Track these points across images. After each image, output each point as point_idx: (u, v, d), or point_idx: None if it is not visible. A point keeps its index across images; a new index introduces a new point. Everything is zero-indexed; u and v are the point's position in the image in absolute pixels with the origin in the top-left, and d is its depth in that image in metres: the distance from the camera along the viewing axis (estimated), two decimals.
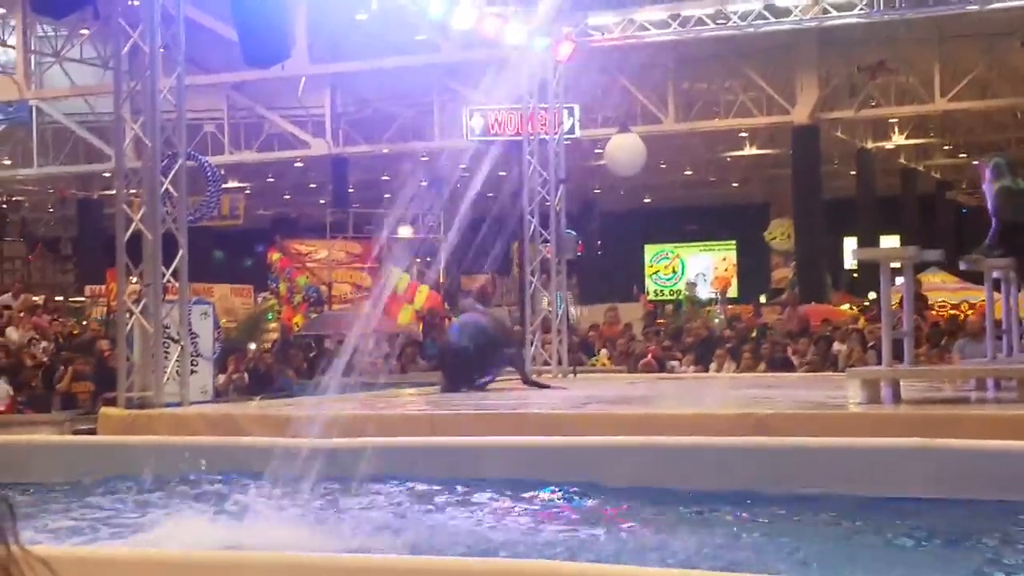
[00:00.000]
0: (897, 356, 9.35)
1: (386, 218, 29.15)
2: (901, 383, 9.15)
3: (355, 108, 30.71)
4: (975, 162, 10.46)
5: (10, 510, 1.96)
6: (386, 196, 34.27)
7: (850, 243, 35.60)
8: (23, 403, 15.83)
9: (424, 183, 16.52)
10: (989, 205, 10.04)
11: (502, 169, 24.22)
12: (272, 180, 37.78)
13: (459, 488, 6.93)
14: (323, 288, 28.20)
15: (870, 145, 33.19)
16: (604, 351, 19.89)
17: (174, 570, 4.56)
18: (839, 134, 30.77)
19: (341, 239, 29.01)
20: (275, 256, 28.58)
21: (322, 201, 35.55)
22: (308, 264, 28.85)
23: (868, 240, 31.96)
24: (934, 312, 21.88)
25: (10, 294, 23.94)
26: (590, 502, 6.78)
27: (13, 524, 1.94)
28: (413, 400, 11.89)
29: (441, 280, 29.16)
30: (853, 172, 34.55)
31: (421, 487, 6.99)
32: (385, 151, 30.78)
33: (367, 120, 30.62)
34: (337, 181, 32.48)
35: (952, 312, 23.32)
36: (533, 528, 6.14)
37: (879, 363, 10.21)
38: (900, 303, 10.85)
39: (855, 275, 36.49)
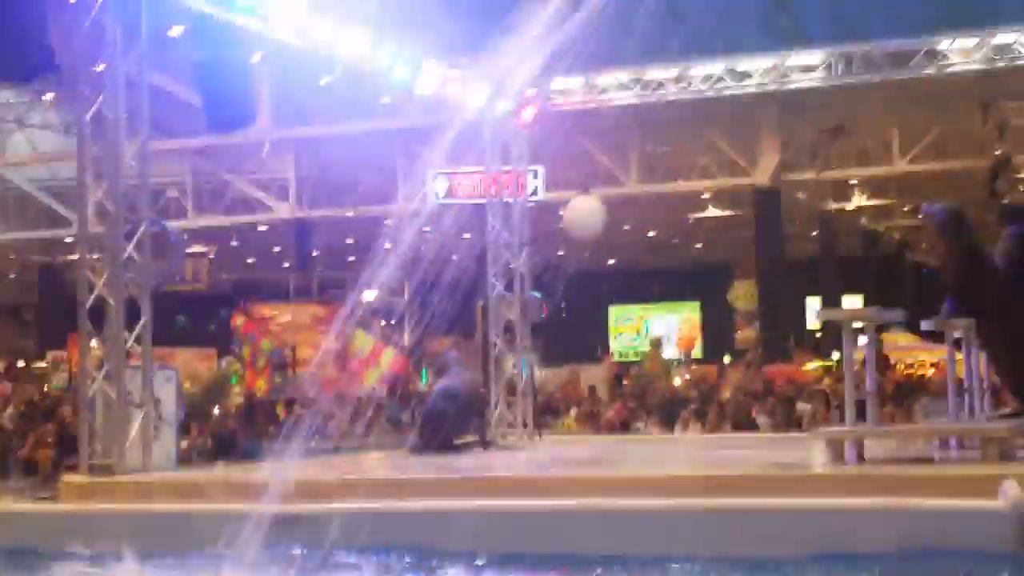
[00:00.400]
0: (861, 416, 9.39)
1: (350, 281, 29.17)
2: (865, 443, 9.18)
3: (319, 172, 30.79)
4: (924, 207, 10.24)
5: None
6: (350, 259, 34.25)
7: (813, 303, 35.77)
8: None
9: (388, 246, 16.56)
10: (942, 263, 9.83)
11: (466, 231, 24.27)
12: (236, 244, 37.68)
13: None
14: (287, 352, 28.10)
15: (831, 206, 33.46)
16: (573, 411, 19.92)
17: None
18: (800, 195, 31.00)
19: (306, 303, 28.96)
20: (239, 320, 28.47)
21: (286, 265, 35.50)
22: (272, 328, 28.74)
23: (831, 300, 32.15)
24: (897, 370, 22.01)
25: None
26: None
27: None
28: (380, 463, 11.84)
29: (405, 343, 29.12)
30: (815, 233, 34.79)
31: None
32: (349, 214, 30.81)
33: (331, 183, 30.67)
34: (300, 245, 32.47)
35: (913, 372, 23.49)
36: None
37: (843, 423, 10.24)
38: (863, 363, 10.89)
39: (818, 334, 36.64)
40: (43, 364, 32.04)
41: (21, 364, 32.05)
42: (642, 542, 7.06)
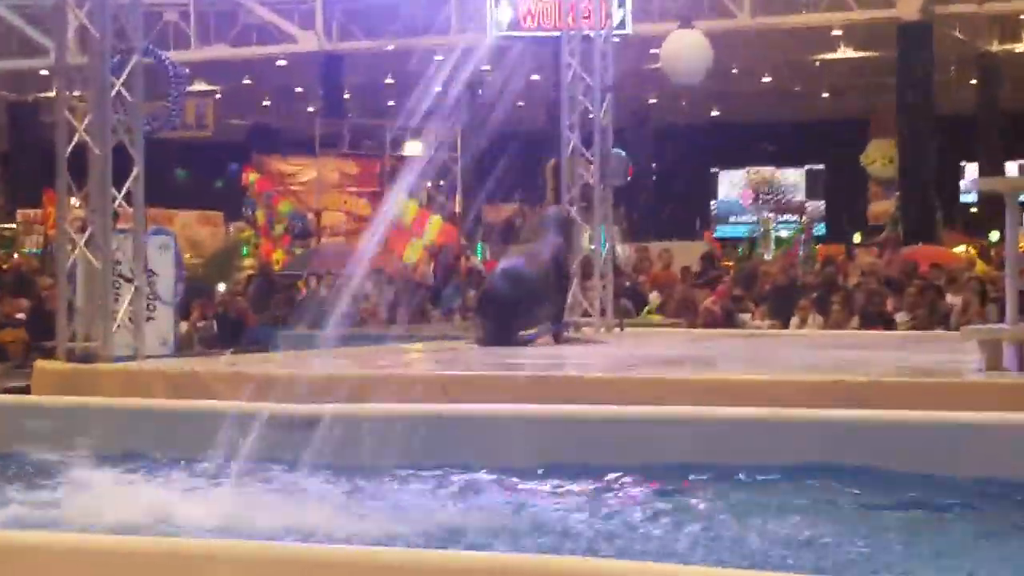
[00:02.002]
0: None
1: (390, 131, 29.13)
2: None
3: None
4: None
5: None
6: (390, 104, 34.21)
7: (969, 170, 35.39)
8: None
9: (438, 89, 16.42)
10: None
11: (535, 72, 24.16)
12: (249, 82, 37.74)
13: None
14: (311, 217, 28.25)
15: (995, 48, 32.93)
16: (655, 296, 19.94)
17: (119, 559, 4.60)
18: (957, 34, 30.52)
19: (334, 157, 29.03)
20: (252, 177, 28.62)
21: (311, 109, 35.55)
22: (292, 187, 28.88)
23: (992, 167, 31.78)
24: None
25: None
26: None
27: None
28: (421, 357, 11.92)
29: (458, 210, 29.17)
30: (974, 82, 34.30)
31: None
32: (389, 48, 30.68)
33: (367, 9, 30.51)
34: (329, 85, 32.46)
35: None
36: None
37: (1002, 320, 10.16)
38: None
39: (974, 210, 36.32)
40: (12, 225, 32.45)
41: None
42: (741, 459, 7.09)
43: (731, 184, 48.57)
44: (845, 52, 33.80)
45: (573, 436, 7.46)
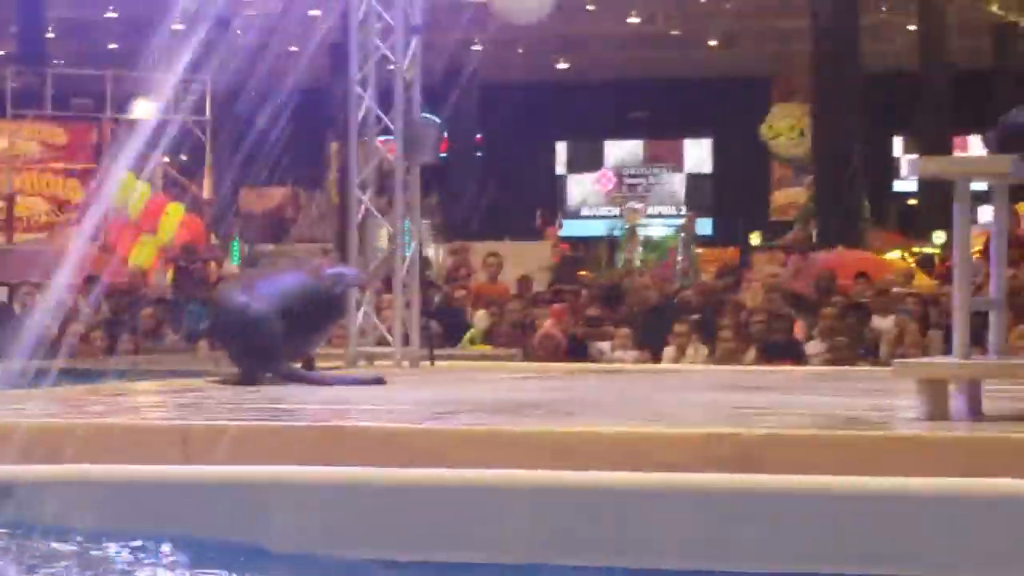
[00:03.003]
0: (978, 340, 9.47)
1: (111, 85, 28.85)
2: (983, 385, 9.27)
3: None
4: None
5: None
6: (110, 47, 33.94)
7: (904, 146, 36.02)
8: None
9: (177, 25, 16.25)
10: None
11: (314, 7, 24.03)
12: None
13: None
14: (0, 205, 27.91)
15: None
16: (481, 316, 20.00)
17: None
18: None
19: (32, 120, 28.72)
20: None
21: (0, 53, 35.13)
22: None
23: (936, 143, 32.39)
24: None
25: None
26: None
27: None
28: (157, 397, 11.84)
29: (206, 195, 29.01)
30: (913, 27, 34.94)
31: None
32: None
33: None
34: (26, 18, 32.10)
35: None
36: None
37: (948, 351, 10.34)
38: (984, 251, 10.98)
39: (912, 202, 36.98)
40: None
41: None
42: (586, 543, 7.15)
43: (583, 164, 48.90)
44: None
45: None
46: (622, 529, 7.21)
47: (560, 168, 48.57)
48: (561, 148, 48.39)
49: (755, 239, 33.60)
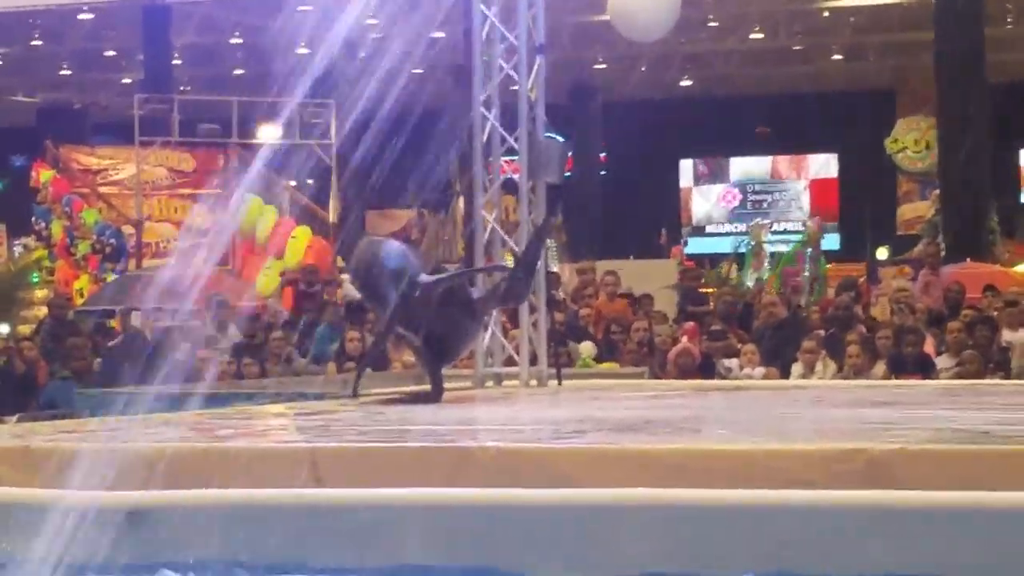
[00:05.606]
0: None
1: (236, 110, 29.04)
2: None
3: None
4: None
5: None
6: (236, 73, 34.18)
7: None
8: None
9: (303, 50, 16.41)
10: None
11: (438, 29, 24.14)
12: (40, 43, 37.62)
13: None
14: (127, 230, 28.12)
15: None
16: (588, 342, 19.98)
17: None
18: None
19: (160, 147, 28.95)
20: (45, 175, 28.49)
21: (127, 80, 35.46)
22: (102, 189, 28.77)
23: None
24: None
25: None
26: None
27: None
28: (287, 421, 11.89)
29: (333, 219, 29.14)
30: None
31: None
32: None
33: None
34: (153, 44, 32.37)
35: None
36: None
37: None
38: None
39: None
40: None
41: None
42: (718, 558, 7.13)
43: (707, 181, 48.86)
44: None
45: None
46: (752, 544, 7.20)
47: (684, 184, 48.46)
48: (685, 165, 48.34)
49: (882, 253, 33.41)
